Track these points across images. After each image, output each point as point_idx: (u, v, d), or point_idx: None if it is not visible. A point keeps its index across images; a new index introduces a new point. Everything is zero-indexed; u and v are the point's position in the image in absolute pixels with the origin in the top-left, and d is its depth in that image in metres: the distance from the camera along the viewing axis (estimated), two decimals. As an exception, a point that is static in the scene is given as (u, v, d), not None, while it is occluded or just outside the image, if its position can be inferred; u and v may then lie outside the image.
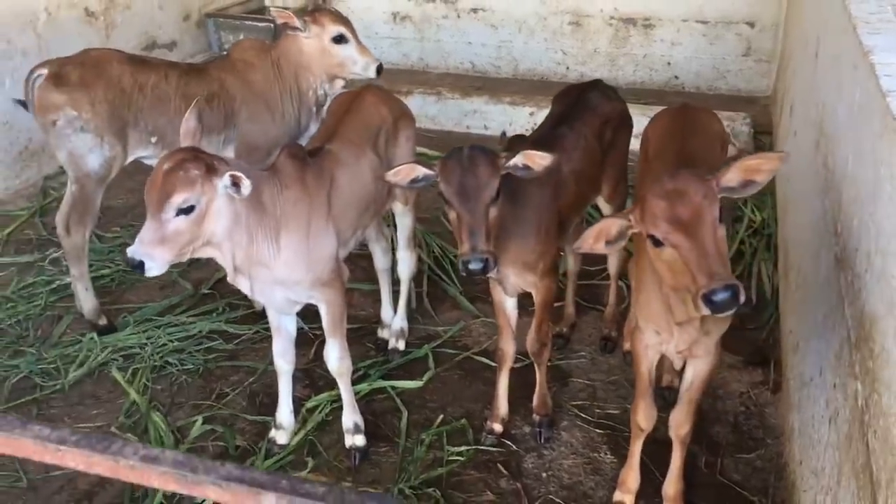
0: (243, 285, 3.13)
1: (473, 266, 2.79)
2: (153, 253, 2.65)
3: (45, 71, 4.01)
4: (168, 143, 4.19)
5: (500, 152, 2.96)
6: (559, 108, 3.78)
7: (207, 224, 2.74)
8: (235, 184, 2.70)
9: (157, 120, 4.16)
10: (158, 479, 1.11)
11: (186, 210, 2.65)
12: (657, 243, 2.36)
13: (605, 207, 3.97)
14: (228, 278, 3.09)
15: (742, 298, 2.26)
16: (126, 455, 1.14)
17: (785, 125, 5.65)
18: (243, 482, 1.06)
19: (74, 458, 1.18)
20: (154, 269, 2.68)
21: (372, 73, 4.42)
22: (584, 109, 3.66)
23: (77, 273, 4.28)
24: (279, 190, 3.05)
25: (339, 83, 4.52)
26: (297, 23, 4.32)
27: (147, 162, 4.31)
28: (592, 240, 2.55)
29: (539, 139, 3.46)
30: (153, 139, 4.19)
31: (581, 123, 3.58)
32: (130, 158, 4.21)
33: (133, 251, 2.65)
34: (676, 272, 2.34)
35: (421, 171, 2.95)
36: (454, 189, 2.84)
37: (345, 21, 4.43)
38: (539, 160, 2.90)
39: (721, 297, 2.22)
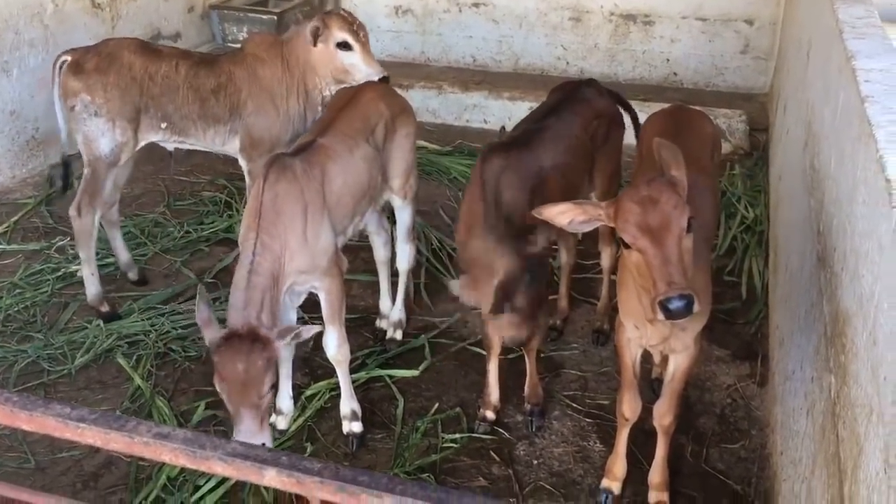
0: None
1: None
2: (263, 433, 2.97)
3: (68, 58, 4.22)
4: (177, 129, 4.36)
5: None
6: (550, 99, 3.86)
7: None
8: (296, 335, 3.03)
9: (166, 107, 4.30)
10: (170, 454, 1.20)
11: (273, 386, 3.01)
12: (626, 245, 2.47)
13: (599, 203, 4.06)
14: None
15: (696, 308, 2.36)
16: (140, 432, 1.22)
17: (779, 123, 5.73)
18: (247, 458, 1.15)
19: (93, 435, 1.26)
20: (268, 442, 3.02)
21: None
22: (574, 101, 3.73)
23: (84, 256, 4.40)
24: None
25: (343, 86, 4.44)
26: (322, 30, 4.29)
27: (162, 144, 4.47)
28: (558, 212, 2.61)
29: (521, 134, 3.53)
30: (163, 125, 4.34)
31: (570, 113, 3.64)
32: (142, 143, 4.36)
33: (244, 440, 2.91)
34: (641, 274, 2.46)
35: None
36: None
37: (353, 27, 4.31)
38: None
39: (675, 305, 2.33)
